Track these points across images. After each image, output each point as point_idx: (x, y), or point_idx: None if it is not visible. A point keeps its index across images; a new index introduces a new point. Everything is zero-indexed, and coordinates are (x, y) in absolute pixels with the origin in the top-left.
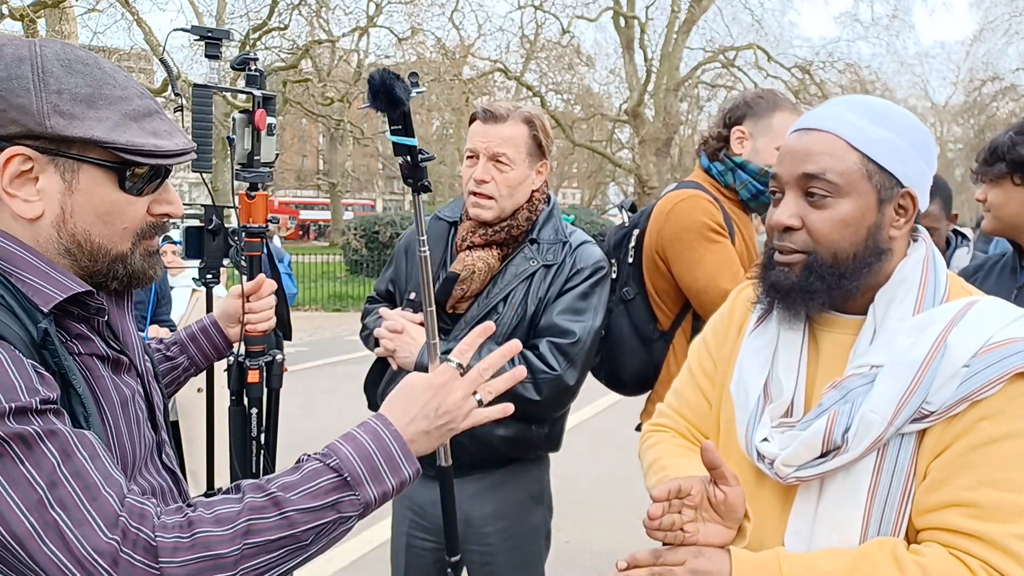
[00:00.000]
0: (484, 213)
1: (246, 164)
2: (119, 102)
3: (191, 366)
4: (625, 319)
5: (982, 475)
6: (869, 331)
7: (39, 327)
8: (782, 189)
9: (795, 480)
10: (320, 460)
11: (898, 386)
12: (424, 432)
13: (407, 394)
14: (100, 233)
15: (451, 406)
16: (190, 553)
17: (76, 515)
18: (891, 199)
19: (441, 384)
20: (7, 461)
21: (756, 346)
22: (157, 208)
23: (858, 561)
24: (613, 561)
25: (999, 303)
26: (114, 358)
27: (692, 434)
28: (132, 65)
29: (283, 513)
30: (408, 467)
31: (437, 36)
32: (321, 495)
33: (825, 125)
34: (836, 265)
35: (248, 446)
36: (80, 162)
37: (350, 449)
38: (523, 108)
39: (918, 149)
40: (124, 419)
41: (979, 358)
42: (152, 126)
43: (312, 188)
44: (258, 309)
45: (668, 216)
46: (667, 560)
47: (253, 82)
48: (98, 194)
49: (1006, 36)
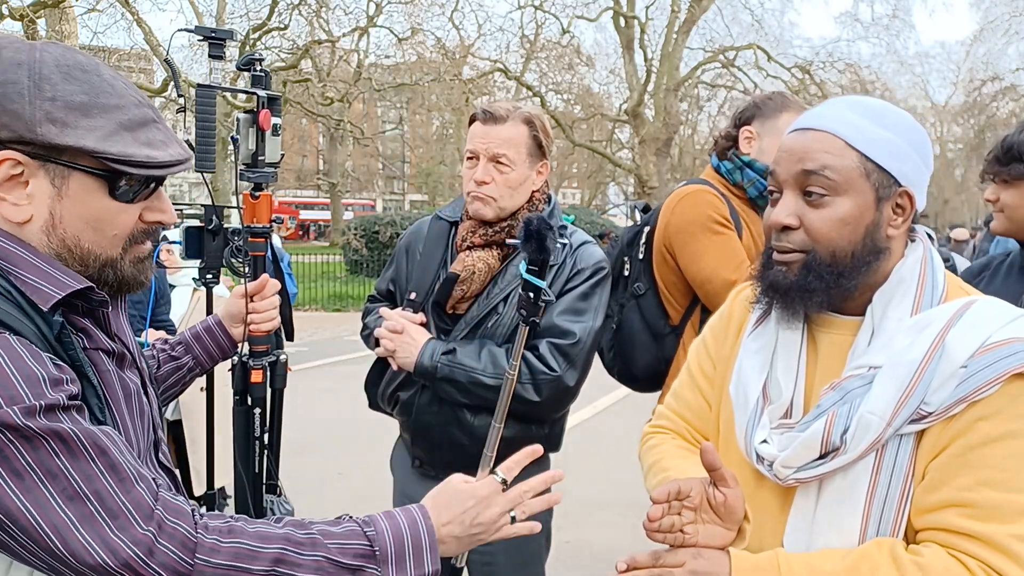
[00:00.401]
0: (484, 211)
1: (250, 164)
2: (114, 111)
3: (196, 366)
4: (636, 314)
5: (980, 475)
6: (867, 332)
7: (55, 320)
8: (780, 188)
9: (794, 481)
10: (360, 525)
11: (896, 387)
12: (456, 537)
13: (451, 496)
14: (90, 239)
15: (487, 519)
16: (224, 558)
17: (112, 507)
18: (889, 198)
19: (483, 497)
20: (43, 455)
21: (755, 348)
22: (149, 216)
23: (857, 561)
24: (613, 561)
25: (997, 303)
26: (118, 352)
27: (692, 436)
28: (132, 65)
29: (316, 556)
30: (431, 564)
31: (437, 36)
32: (351, 555)
33: (823, 124)
34: (834, 264)
35: (251, 446)
36: (71, 169)
37: (387, 525)
38: (523, 108)
39: (916, 148)
40: (129, 413)
41: (977, 358)
42: (147, 136)
43: (312, 188)
44: (262, 309)
45: (674, 210)
46: (666, 561)
47: (258, 82)
48: (88, 201)
49: (1006, 36)
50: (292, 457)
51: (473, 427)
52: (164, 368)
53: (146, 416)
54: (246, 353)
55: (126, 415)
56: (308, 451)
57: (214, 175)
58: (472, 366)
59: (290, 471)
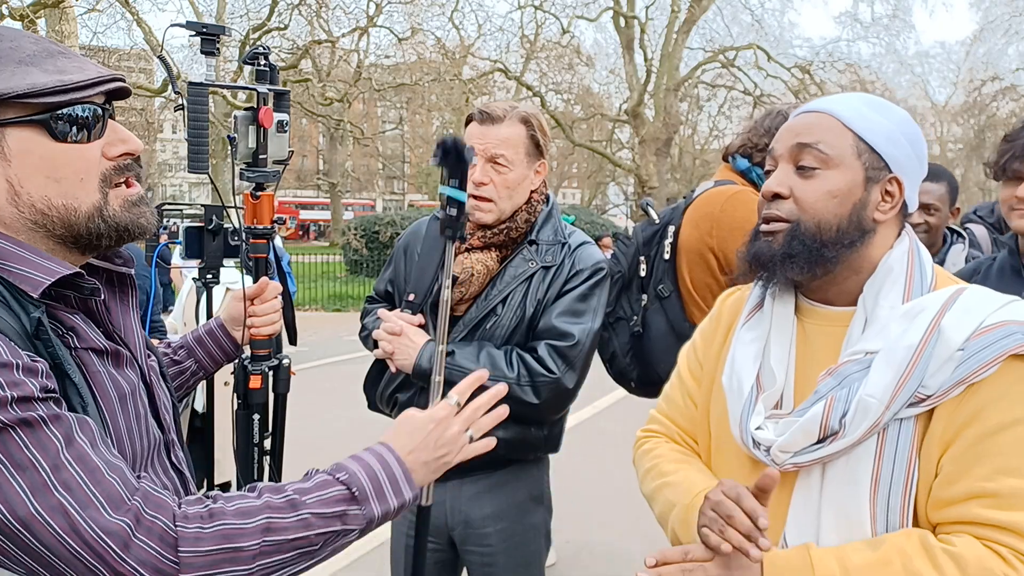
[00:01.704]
0: (484, 217)
1: (251, 163)
2: (10, 53)
3: (199, 370)
4: (661, 316)
5: (998, 464)
6: (860, 320)
7: (32, 317)
8: (776, 164)
9: (792, 466)
10: (329, 473)
11: (894, 370)
12: (424, 463)
13: (410, 426)
14: (58, 193)
15: (449, 439)
16: (211, 544)
17: (81, 497)
18: (879, 181)
19: (442, 419)
20: (12, 446)
21: (748, 338)
22: (112, 150)
23: (889, 553)
24: (613, 561)
25: (987, 290)
26: (112, 351)
27: (683, 439)
28: (132, 65)
29: (300, 515)
30: (409, 490)
31: (437, 36)
32: (331, 503)
33: (824, 107)
34: (819, 234)
35: (251, 452)
36: (1, 127)
37: (358, 467)
38: (520, 108)
39: (910, 141)
40: (123, 414)
41: (973, 341)
42: (56, 64)
43: (312, 188)
44: (262, 313)
45: (723, 209)
46: (695, 556)
47: (263, 77)
48: (34, 152)
49: (1006, 36)
50: (291, 457)
51: None
52: (166, 372)
53: (144, 416)
54: (247, 356)
55: (119, 416)
56: (307, 451)
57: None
58: (470, 368)
59: (289, 471)
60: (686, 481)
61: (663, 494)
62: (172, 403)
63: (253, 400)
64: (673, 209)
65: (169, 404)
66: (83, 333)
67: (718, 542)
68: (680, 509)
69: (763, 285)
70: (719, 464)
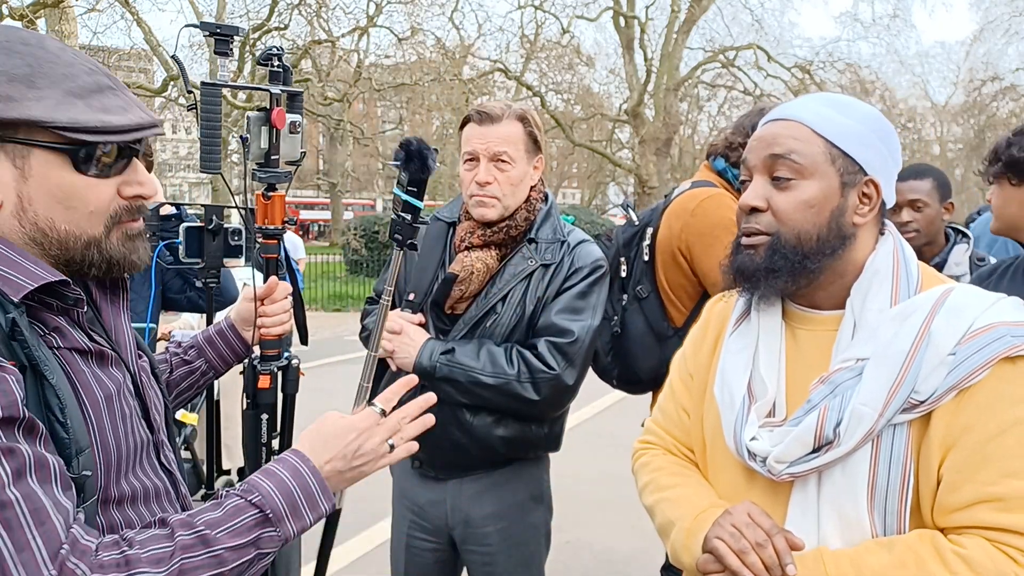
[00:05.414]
0: (489, 213)
1: (263, 164)
2: (62, 80)
3: (209, 370)
4: (640, 317)
5: (1001, 467)
6: (849, 324)
7: (7, 317)
8: (751, 175)
9: (788, 476)
10: (241, 496)
11: (886, 377)
12: (339, 472)
13: (329, 432)
14: (64, 219)
15: (368, 450)
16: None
17: (19, 539)
18: (854, 184)
19: (364, 429)
20: None
21: (737, 347)
22: (127, 190)
23: (903, 555)
24: (613, 561)
25: (974, 289)
26: (96, 351)
27: (679, 450)
28: (132, 65)
29: (212, 552)
30: (325, 503)
31: (437, 36)
32: (244, 532)
33: (792, 114)
34: (799, 246)
35: (260, 452)
36: (29, 146)
37: (271, 486)
38: (514, 106)
39: (882, 139)
40: (108, 414)
41: (963, 346)
42: (102, 102)
43: (312, 188)
44: (271, 313)
45: (694, 213)
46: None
47: (276, 78)
48: (53, 178)
49: (1006, 36)
50: None
51: (472, 427)
52: (177, 372)
53: (131, 416)
54: (257, 356)
55: (104, 416)
56: None
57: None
58: (471, 365)
59: None
60: (683, 499)
61: (662, 509)
62: (164, 404)
63: (262, 400)
64: (652, 210)
65: (161, 405)
66: (67, 333)
67: (738, 567)
68: (680, 533)
69: (747, 297)
70: (715, 473)
